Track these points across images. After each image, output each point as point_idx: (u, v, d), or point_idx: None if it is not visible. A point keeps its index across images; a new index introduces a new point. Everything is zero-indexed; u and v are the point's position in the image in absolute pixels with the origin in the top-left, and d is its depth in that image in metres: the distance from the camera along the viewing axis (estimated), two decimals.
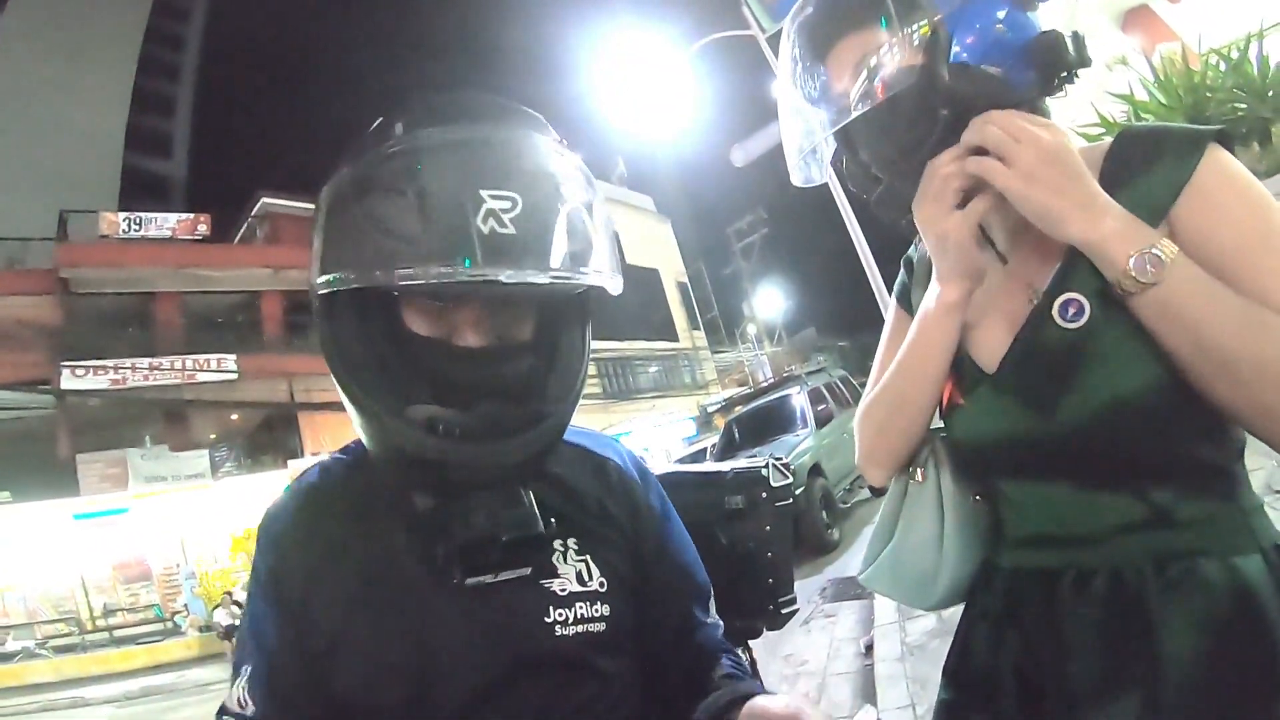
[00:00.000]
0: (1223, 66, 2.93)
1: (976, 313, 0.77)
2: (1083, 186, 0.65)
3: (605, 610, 0.73)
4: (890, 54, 0.72)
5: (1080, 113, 3.20)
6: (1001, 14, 0.71)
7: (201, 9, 39.28)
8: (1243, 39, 2.88)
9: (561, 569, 0.72)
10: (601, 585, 0.74)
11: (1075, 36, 0.71)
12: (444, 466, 0.64)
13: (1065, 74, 0.72)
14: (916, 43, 0.71)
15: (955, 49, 0.70)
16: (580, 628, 0.71)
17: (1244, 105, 2.86)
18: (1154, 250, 0.61)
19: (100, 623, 12.84)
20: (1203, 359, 0.61)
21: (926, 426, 0.83)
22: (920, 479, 0.83)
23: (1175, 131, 0.68)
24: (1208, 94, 2.90)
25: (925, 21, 0.71)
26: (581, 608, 0.71)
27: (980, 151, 0.69)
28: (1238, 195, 0.64)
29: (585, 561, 0.74)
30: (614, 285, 0.69)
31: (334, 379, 0.67)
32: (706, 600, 0.85)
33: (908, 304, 0.90)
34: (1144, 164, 0.67)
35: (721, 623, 0.86)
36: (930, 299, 0.77)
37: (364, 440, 0.71)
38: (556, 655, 0.70)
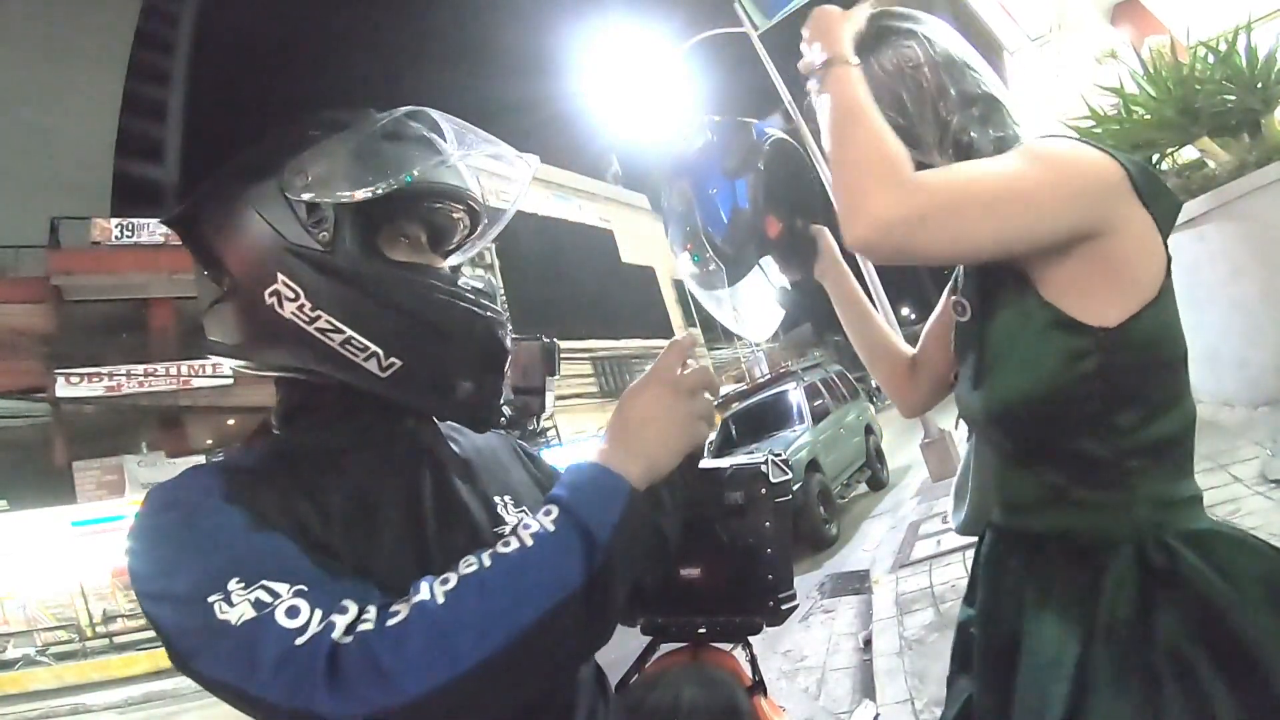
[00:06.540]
0: (1211, 59, 2.95)
1: None
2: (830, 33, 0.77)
3: None
4: None
5: (1071, 106, 3.22)
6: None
7: (191, 12, 39.07)
8: (1231, 31, 2.90)
9: (508, 519, 0.80)
10: None
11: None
12: (490, 331, 0.75)
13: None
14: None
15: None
16: None
17: (1233, 97, 2.88)
18: (831, 50, 0.75)
19: (100, 629, 12.81)
20: (826, 148, 0.71)
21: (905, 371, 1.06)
22: (956, 427, 0.96)
23: None
24: (1196, 86, 2.92)
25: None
26: None
27: None
28: None
29: (524, 513, 0.80)
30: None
31: (374, 294, 0.69)
32: None
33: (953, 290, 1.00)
34: None
35: None
36: None
37: (410, 334, 0.71)
38: None
